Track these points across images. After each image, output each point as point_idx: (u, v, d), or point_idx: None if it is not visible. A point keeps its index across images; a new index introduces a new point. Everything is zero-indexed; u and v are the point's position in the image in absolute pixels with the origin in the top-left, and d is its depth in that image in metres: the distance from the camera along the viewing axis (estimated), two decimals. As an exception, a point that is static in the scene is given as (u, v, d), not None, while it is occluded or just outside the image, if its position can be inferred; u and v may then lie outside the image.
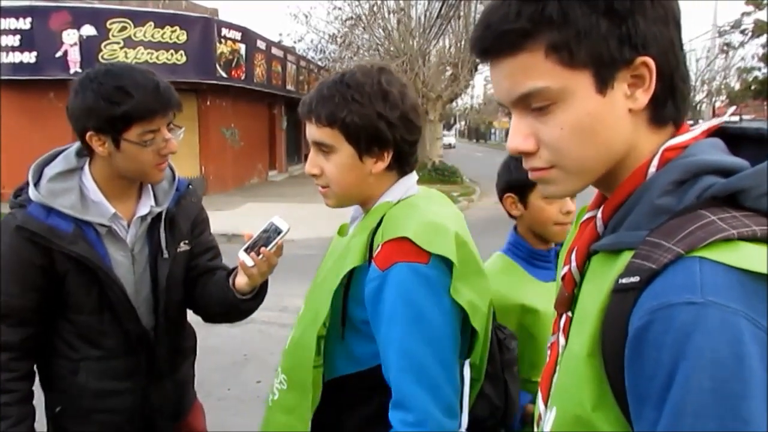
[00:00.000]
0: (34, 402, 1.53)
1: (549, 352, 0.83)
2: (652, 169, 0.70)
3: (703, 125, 0.74)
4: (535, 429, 0.83)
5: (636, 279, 0.62)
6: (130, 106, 1.37)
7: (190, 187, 1.69)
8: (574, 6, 0.66)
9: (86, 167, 1.52)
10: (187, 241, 1.63)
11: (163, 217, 1.57)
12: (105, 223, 1.48)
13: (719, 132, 0.74)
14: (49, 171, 1.48)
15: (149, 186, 1.58)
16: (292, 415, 1.27)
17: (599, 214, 0.76)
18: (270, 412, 1.33)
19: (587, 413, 0.67)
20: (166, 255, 1.57)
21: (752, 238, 0.59)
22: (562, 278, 0.80)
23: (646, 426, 0.60)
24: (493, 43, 0.70)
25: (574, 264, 0.77)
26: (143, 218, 1.56)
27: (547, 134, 0.71)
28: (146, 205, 1.56)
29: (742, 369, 0.54)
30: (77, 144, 1.50)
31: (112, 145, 1.42)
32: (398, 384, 1.15)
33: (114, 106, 1.37)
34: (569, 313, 0.78)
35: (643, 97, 0.69)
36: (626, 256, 0.65)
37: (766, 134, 0.70)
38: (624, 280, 0.63)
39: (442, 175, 17.07)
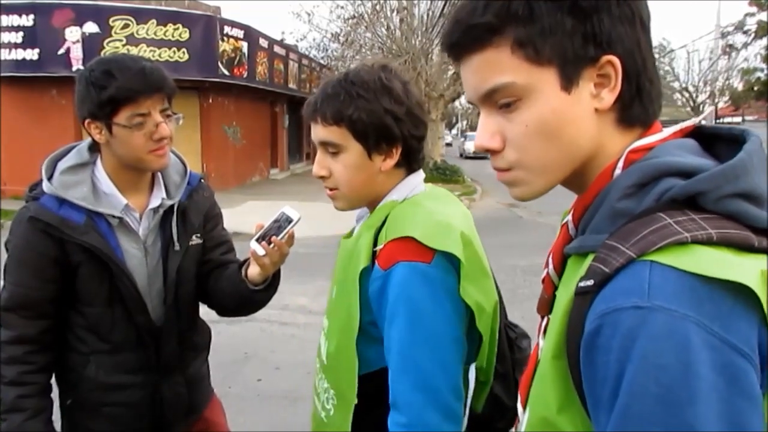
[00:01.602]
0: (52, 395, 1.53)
1: (531, 355, 0.84)
2: (618, 171, 0.70)
3: (677, 126, 0.73)
4: (513, 431, 0.83)
5: (591, 282, 0.62)
6: (114, 89, 1.38)
7: (203, 181, 1.70)
8: (539, 2, 0.67)
9: (98, 161, 1.53)
10: (199, 235, 1.64)
11: (175, 209, 1.58)
12: (116, 215, 1.49)
13: (695, 132, 0.73)
14: (62, 165, 1.50)
15: (161, 179, 1.59)
16: (345, 428, 1.26)
17: (570, 217, 0.76)
18: (329, 430, 1.31)
19: (553, 415, 0.68)
20: (177, 247, 1.57)
21: (708, 242, 0.58)
22: (543, 281, 0.80)
23: (602, 430, 0.60)
24: (461, 38, 0.71)
25: (551, 267, 0.78)
26: (155, 210, 1.56)
27: (512, 131, 0.71)
28: (158, 198, 1.57)
29: (688, 374, 0.53)
30: (90, 139, 1.52)
31: (106, 131, 1.43)
32: (394, 384, 1.14)
33: (101, 91, 1.39)
34: (550, 316, 0.78)
35: (609, 96, 0.69)
36: (590, 259, 0.65)
37: (738, 134, 0.70)
38: (582, 284, 0.63)
39: (444, 175, 17.06)
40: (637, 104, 0.70)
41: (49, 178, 1.48)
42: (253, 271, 1.48)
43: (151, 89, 1.41)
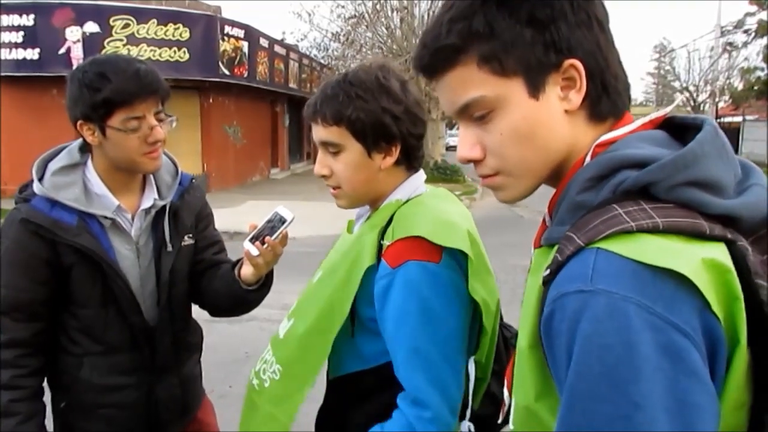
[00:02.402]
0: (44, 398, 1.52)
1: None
2: (586, 164, 0.73)
3: (646, 117, 0.76)
4: (500, 417, 0.86)
5: (548, 272, 0.66)
6: (109, 91, 1.37)
7: (194, 181, 1.69)
8: (498, 19, 0.70)
9: (89, 161, 1.52)
10: (191, 235, 1.64)
11: (167, 210, 1.57)
12: (109, 216, 1.48)
13: (669, 123, 0.77)
14: (53, 165, 1.48)
15: (152, 179, 1.58)
16: (280, 407, 1.27)
17: (546, 209, 0.80)
18: (256, 398, 1.33)
19: (532, 403, 0.70)
20: (170, 248, 1.57)
21: (654, 230, 0.61)
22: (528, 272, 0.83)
23: None
24: (430, 60, 0.75)
25: (532, 259, 0.82)
26: (147, 211, 1.56)
27: (489, 141, 0.75)
28: (150, 198, 1.56)
29: (630, 353, 0.56)
30: (80, 139, 1.51)
31: (99, 133, 1.42)
32: (411, 381, 1.16)
33: (95, 93, 1.38)
34: None
35: (576, 97, 0.72)
36: (554, 250, 0.69)
37: (698, 123, 0.72)
38: (544, 273, 0.67)
39: (444, 174, 17.05)
40: (605, 100, 0.74)
41: (40, 179, 1.46)
42: (247, 271, 1.48)
43: (146, 92, 1.40)
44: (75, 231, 1.43)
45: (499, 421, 0.87)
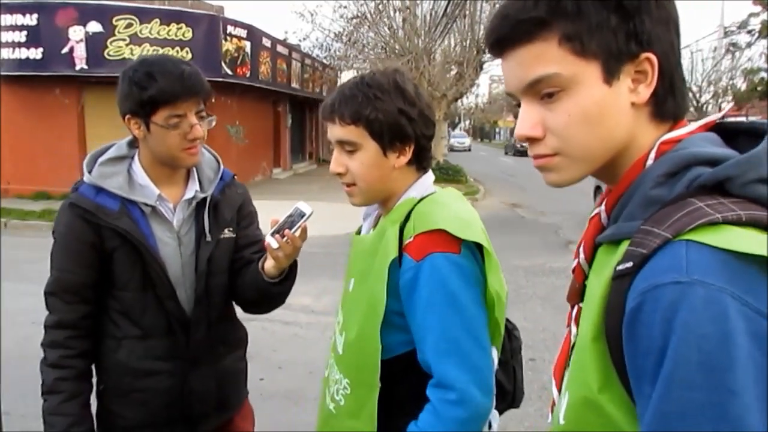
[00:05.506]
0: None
1: (563, 342, 0.87)
2: (650, 161, 0.74)
3: (701, 121, 0.78)
4: (550, 415, 0.86)
5: (630, 264, 0.66)
6: (155, 90, 1.49)
7: (235, 177, 1.79)
8: (587, 1, 0.72)
9: (136, 155, 1.64)
10: (231, 229, 1.71)
11: (208, 202, 1.66)
12: (149, 203, 1.58)
13: (717, 127, 0.78)
14: (102, 158, 1.62)
15: (195, 173, 1.69)
16: (359, 419, 1.31)
17: (603, 207, 0.80)
18: (336, 421, 1.37)
19: (594, 395, 0.71)
20: (209, 238, 1.65)
21: (737, 222, 0.63)
22: (573, 271, 0.84)
23: (645, 403, 0.63)
24: (510, 32, 0.75)
25: (582, 256, 0.82)
26: (189, 202, 1.65)
27: (554, 121, 0.75)
28: (192, 190, 1.66)
29: (727, 343, 0.57)
30: (131, 136, 1.62)
31: (144, 128, 1.54)
32: (439, 366, 1.22)
33: (142, 91, 1.50)
34: (580, 304, 0.82)
35: (645, 91, 0.73)
36: (625, 246, 0.70)
37: (759, 127, 0.74)
38: (620, 267, 0.67)
39: (447, 174, 17.06)
40: (671, 100, 0.75)
41: (90, 172, 1.59)
42: (268, 264, 1.55)
43: (189, 93, 1.51)
44: (116, 215, 1.54)
45: (549, 420, 0.87)
